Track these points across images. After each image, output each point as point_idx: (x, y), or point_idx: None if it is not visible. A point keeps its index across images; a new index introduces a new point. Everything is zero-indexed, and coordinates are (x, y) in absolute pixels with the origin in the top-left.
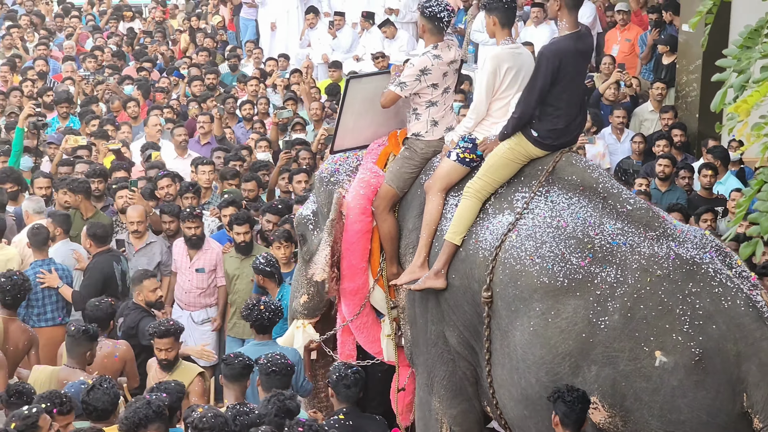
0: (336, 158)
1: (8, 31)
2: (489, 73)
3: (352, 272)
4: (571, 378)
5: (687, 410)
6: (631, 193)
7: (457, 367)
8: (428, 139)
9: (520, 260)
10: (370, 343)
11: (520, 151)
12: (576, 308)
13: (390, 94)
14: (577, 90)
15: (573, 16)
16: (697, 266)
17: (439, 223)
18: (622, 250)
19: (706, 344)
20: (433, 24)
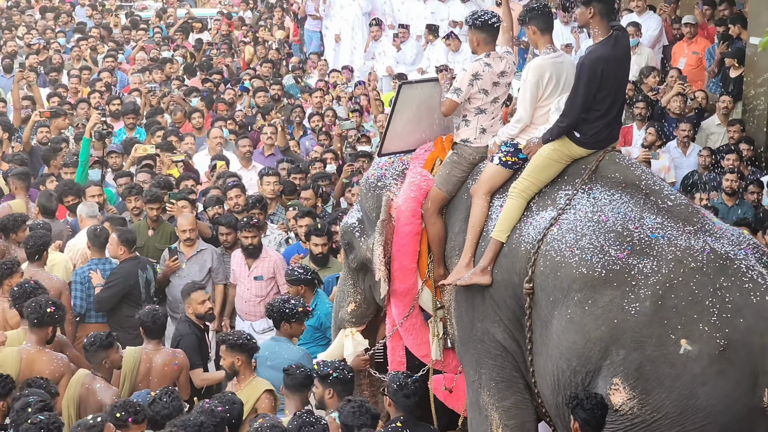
0: (381, 163)
1: (77, 44)
2: (532, 84)
3: (402, 273)
4: (600, 361)
5: (704, 398)
6: (673, 189)
7: (506, 361)
8: (476, 145)
9: (561, 252)
10: (418, 345)
11: (564, 151)
12: (612, 297)
13: (449, 102)
14: (618, 92)
15: (605, 23)
16: (731, 261)
17: (484, 225)
18: (659, 243)
19: (731, 336)
20: (484, 34)
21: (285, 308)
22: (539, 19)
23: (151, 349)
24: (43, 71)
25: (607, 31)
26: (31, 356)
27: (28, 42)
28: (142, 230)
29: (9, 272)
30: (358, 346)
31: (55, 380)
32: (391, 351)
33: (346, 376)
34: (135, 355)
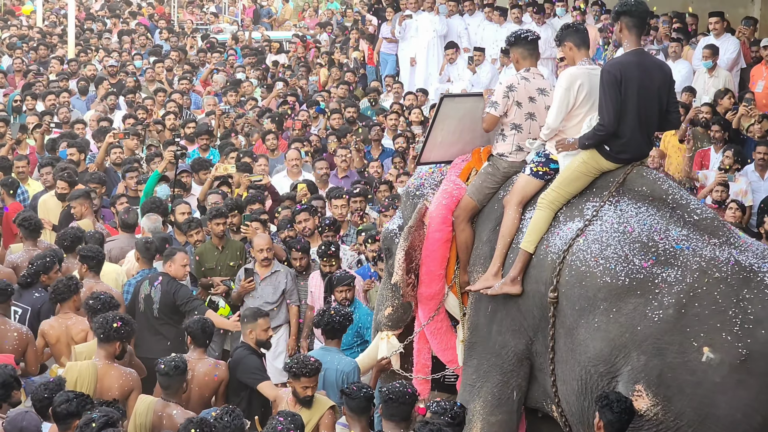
0: (421, 173)
1: (152, 66)
2: (563, 89)
3: (429, 278)
4: (623, 367)
5: (724, 407)
6: (700, 203)
7: (513, 378)
8: (511, 159)
9: (586, 262)
10: (444, 350)
11: (593, 164)
12: (636, 305)
13: (488, 117)
14: (644, 104)
15: (633, 36)
16: (754, 273)
17: (514, 236)
18: (684, 253)
19: (753, 347)
20: (520, 49)
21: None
22: (574, 35)
23: (195, 358)
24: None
25: (636, 44)
26: (101, 371)
27: (105, 65)
28: (209, 251)
29: (76, 289)
30: (392, 349)
31: (124, 395)
32: (416, 353)
33: None
34: None
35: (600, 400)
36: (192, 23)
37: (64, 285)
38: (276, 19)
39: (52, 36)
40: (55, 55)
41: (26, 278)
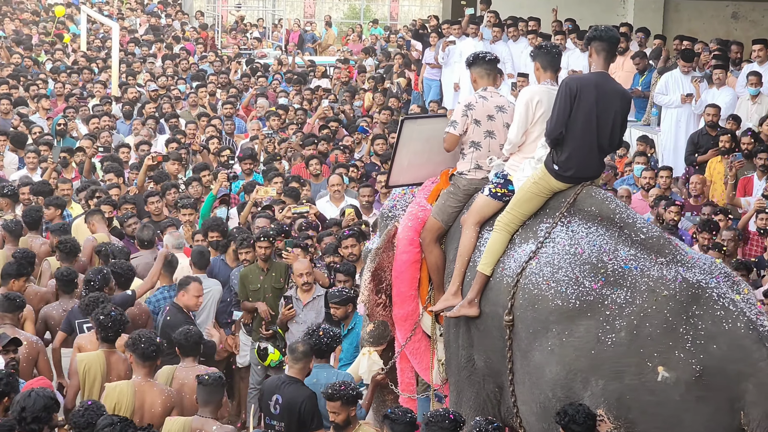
0: (395, 195)
1: (195, 91)
2: (523, 105)
3: (401, 299)
4: (582, 392)
5: (689, 423)
6: (646, 221)
7: (483, 389)
8: (471, 177)
9: (538, 285)
10: (425, 370)
11: (544, 185)
12: (588, 328)
13: (449, 137)
14: (597, 124)
15: (601, 60)
16: (702, 290)
17: (472, 255)
18: (633, 273)
19: (707, 362)
20: (478, 69)
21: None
22: (544, 57)
23: (186, 367)
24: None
25: (604, 68)
26: (142, 388)
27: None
28: (254, 273)
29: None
30: (373, 365)
31: (166, 412)
32: (400, 372)
33: None
34: (169, 372)
35: (561, 418)
36: (236, 48)
37: None
38: (320, 44)
39: (96, 60)
40: (98, 79)
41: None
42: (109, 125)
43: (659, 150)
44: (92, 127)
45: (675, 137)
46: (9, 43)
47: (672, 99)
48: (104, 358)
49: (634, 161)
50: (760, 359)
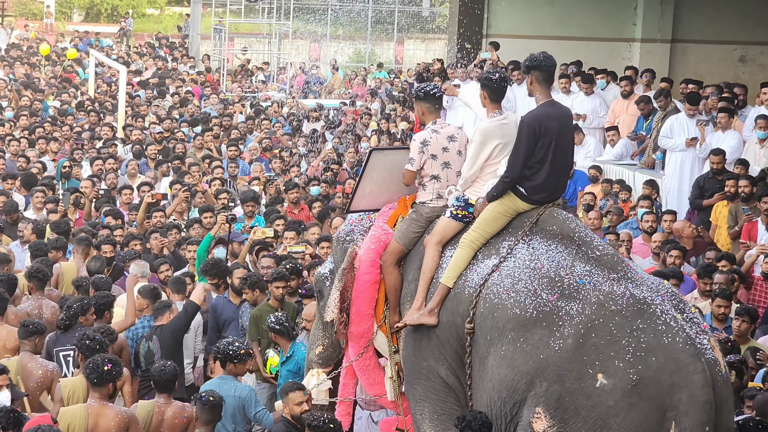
0: (351, 220)
1: (201, 133)
2: (478, 143)
3: (359, 317)
4: (526, 393)
5: (616, 428)
6: (602, 241)
7: (449, 396)
8: (433, 206)
9: (498, 295)
10: (372, 385)
11: (509, 205)
12: (541, 336)
13: (407, 173)
14: (558, 150)
15: (544, 89)
16: (647, 306)
17: (435, 273)
18: (586, 288)
19: (644, 373)
20: (427, 104)
21: (229, 350)
22: (491, 88)
23: (162, 403)
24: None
25: (548, 96)
26: (95, 411)
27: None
28: (267, 313)
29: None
30: (322, 385)
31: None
32: (342, 386)
33: None
34: (148, 409)
35: (459, 422)
36: (240, 91)
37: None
38: (325, 87)
39: (102, 103)
40: (105, 121)
41: (65, 321)
42: (114, 168)
43: (663, 194)
44: (96, 168)
45: (679, 180)
46: (18, 86)
47: (677, 142)
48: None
49: (638, 205)
50: (694, 372)
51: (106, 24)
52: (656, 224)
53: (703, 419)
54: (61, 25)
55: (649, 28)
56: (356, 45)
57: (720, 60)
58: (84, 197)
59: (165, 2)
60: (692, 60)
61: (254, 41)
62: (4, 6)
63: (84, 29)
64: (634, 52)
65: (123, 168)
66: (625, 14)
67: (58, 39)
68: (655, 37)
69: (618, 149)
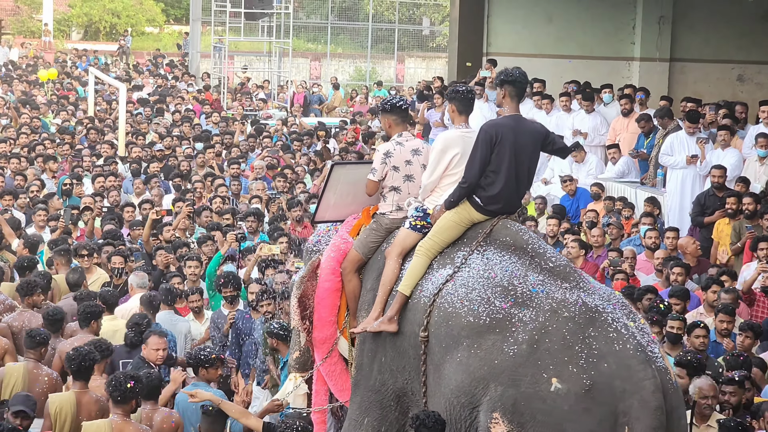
0: (320, 231)
1: (203, 151)
2: (438, 151)
3: (321, 324)
4: (482, 397)
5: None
6: (555, 251)
7: (390, 413)
8: (392, 217)
9: (452, 304)
10: (341, 391)
11: (465, 215)
12: (494, 342)
13: (369, 183)
14: (516, 163)
15: (514, 104)
16: (599, 314)
17: (394, 284)
18: (539, 296)
19: (596, 378)
20: (394, 116)
21: (200, 355)
22: (459, 101)
23: (149, 409)
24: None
25: (515, 111)
26: (119, 426)
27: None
28: None
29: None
30: (299, 389)
31: None
32: (315, 393)
33: None
34: (136, 416)
35: (413, 422)
36: (241, 109)
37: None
38: (326, 105)
39: (102, 121)
40: (105, 139)
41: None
42: (115, 185)
43: (665, 211)
44: (98, 186)
45: (680, 198)
46: (16, 104)
47: (677, 160)
48: (75, 398)
49: (640, 222)
50: (645, 378)
51: (105, 42)
52: (659, 241)
53: (654, 424)
54: (59, 43)
55: (648, 47)
56: (357, 63)
57: (718, 79)
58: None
59: (164, 20)
60: (691, 79)
61: (254, 59)
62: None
63: (83, 47)
64: (633, 71)
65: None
66: (623, 33)
67: (57, 57)
68: (653, 56)
69: (619, 167)
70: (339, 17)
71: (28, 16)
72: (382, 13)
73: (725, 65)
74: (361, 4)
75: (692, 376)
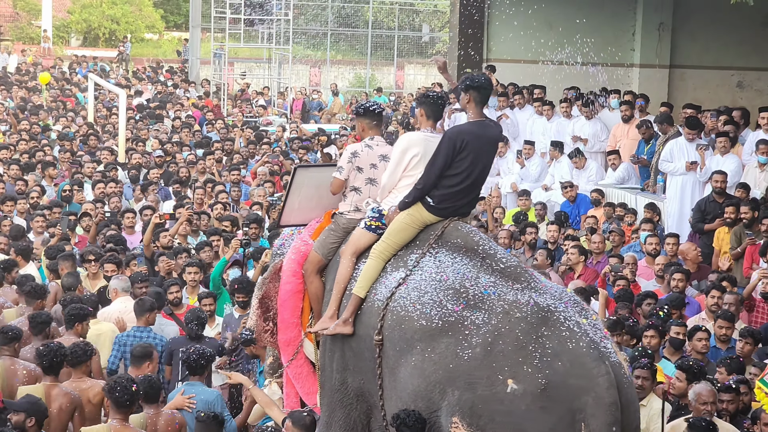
0: (285, 234)
1: (204, 157)
2: (399, 151)
3: (284, 326)
4: (440, 402)
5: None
6: (506, 253)
7: (353, 411)
8: (350, 217)
9: (405, 307)
10: (308, 395)
11: (417, 216)
12: (448, 345)
13: (335, 181)
14: (474, 169)
15: (479, 109)
16: (551, 313)
17: (349, 282)
18: (491, 298)
19: (551, 377)
20: (367, 120)
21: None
22: (428, 106)
23: (152, 413)
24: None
25: (479, 116)
26: (118, 431)
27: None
28: None
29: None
30: (273, 395)
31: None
32: (285, 396)
33: None
34: (140, 421)
35: (395, 421)
36: (241, 116)
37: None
38: (326, 112)
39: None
40: (105, 145)
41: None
42: (116, 191)
43: (665, 217)
44: (98, 192)
45: (680, 204)
46: (15, 111)
47: (677, 166)
48: (44, 391)
49: (640, 228)
50: (599, 375)
51: (104, 48)
52: (660, 247)
53: (610, 420)
54: (58, 49)
55: (648, 53)
56: (356, 70)
57: (718, 86)
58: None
59: (164, 27)
60: (690, 85)
61: (254, 66)
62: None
63: (82, 53)
64: (633, 78)
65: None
66: (623, 40)
67: (56, 63)
68: (653, 63)
69: (619, 173)
70: (339, 24)
71: (27, 22)
72: (382, 20)
73: (725, 72)
74: (360, 11)
75: (691, 381)
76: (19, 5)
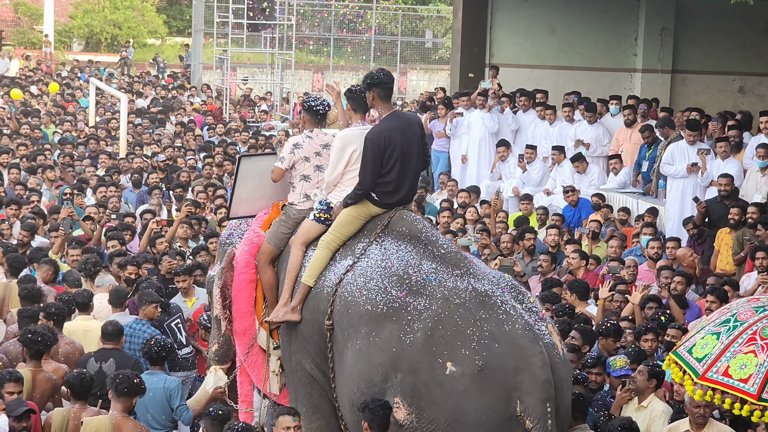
0: (232, 225)
1: (204, 161)
2: (337, 149)
3: (239, 315)
4: (382, 384)
5: (470, 411)
6: (447, 240)
7: (314, 389)
8: (300, 207)
9: (352, 293)
10: (260, 381)
11: (364, 210)
12: (391, 330)
13: (276, 169)
14: (405, 158)
15: (386, 104)
16: (488, 297)
17: (299, 271)
18: (432, 284)
19: (489, 359)
20: (309, 116)
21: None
22: (354, 100)
23: (77, 409)
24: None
25: (389, 109)
26: (119, 423)
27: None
28: None
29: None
30: (219, 381)
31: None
32: (240, 386)
33: None
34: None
35: (361, 407)
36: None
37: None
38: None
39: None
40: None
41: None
42: (117, 195)
43: (665, 221)
44: (100, 195)
45: (681, 208)
46: (18, 114)
47: (678, 169)
48: (30, 376)
49: (641, 232)
50: (533, 355)
51: (107, 53)
52: (661, 251)
53: (543, 397)
54: (60, 54)
55: (650, 58)
56: (359, 75)
57: (719, 91)
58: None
59: (166, 32)
60: (692, 90)
61: (257, 71)
62: (2, 35)
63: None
64: (635, 82)
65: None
66: (625, 45)
67: (57, 68)
68: (655, 68)
69: (621, 177)
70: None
71: (28, 27)
72: (385, 26)
73: (727, 77)
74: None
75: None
76: (20, 10)
